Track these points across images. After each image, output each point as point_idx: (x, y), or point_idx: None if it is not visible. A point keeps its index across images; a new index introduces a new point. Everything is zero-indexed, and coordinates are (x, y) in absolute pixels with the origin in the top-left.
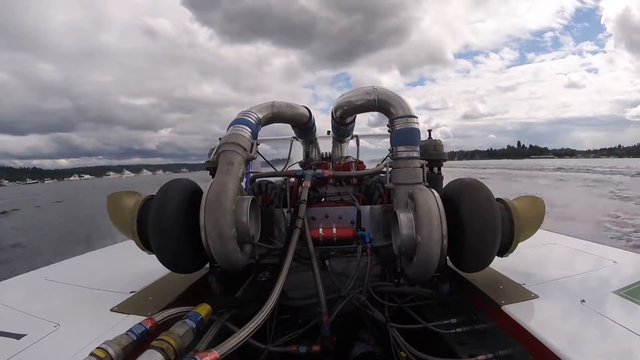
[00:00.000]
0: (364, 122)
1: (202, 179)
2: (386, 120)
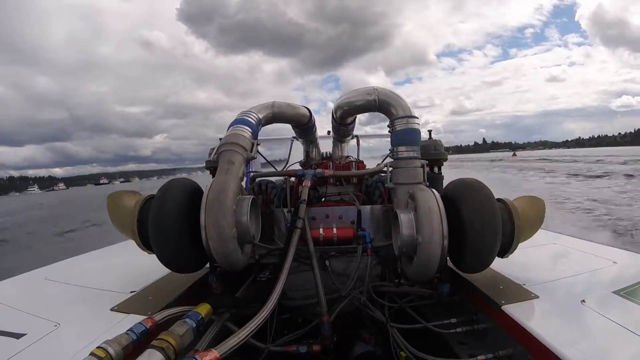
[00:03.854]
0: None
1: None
2: (377, 119)
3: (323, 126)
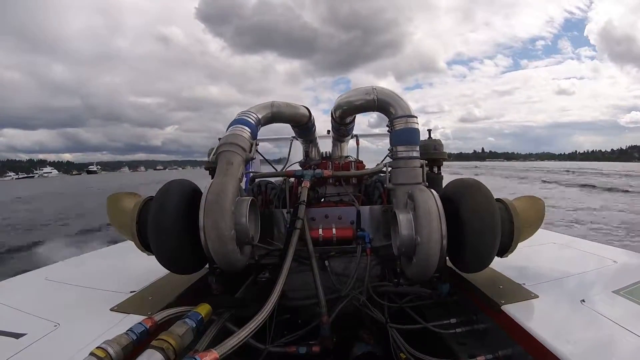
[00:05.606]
0: (364, 123)
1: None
2: (385, 123)
3: (328, 126)
